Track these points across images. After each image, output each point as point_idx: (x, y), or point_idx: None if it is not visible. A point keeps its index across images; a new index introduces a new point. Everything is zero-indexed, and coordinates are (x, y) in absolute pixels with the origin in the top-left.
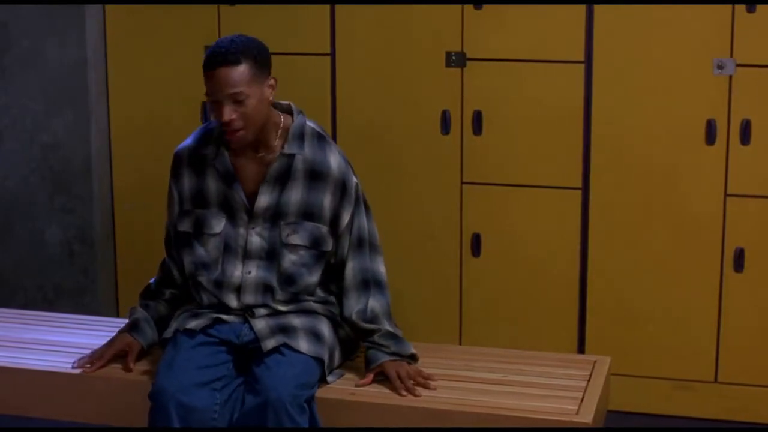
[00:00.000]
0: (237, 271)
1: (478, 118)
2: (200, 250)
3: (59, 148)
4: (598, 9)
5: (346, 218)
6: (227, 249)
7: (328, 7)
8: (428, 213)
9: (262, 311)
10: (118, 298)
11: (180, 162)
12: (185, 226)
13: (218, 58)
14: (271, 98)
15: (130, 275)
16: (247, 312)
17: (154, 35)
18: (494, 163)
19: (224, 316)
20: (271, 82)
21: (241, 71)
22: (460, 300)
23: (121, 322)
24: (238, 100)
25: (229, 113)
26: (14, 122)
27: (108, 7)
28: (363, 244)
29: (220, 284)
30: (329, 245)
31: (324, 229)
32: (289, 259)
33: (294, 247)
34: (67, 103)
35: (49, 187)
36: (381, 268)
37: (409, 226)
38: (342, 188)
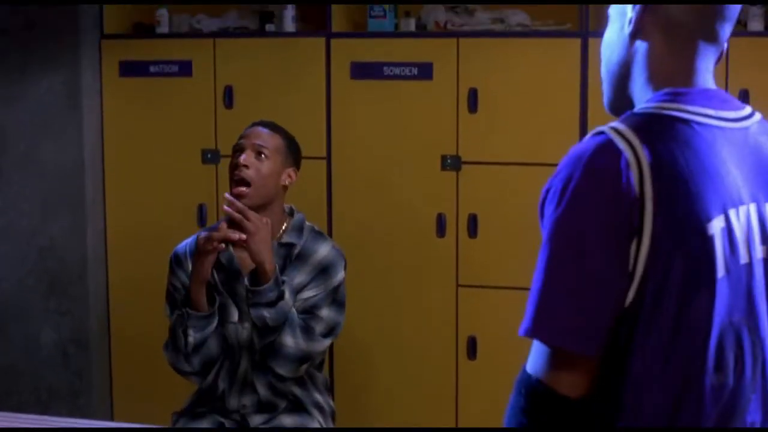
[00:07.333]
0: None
1: (473, 221)
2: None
3: (55, 250)
4: (592, 109)
5: (306, 294)
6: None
7: (324, 111)
8: (424, 315)
9: (257, 419)
10: (113, 400)
11: (182, 257)
12: None
13: (259, 122)
14: (285, 184)
15: (124, 378)
16: (241, 415)
17: (150, 138)
18: (490, 266)
19: (225, 422)
20: (291, 172)
21: (272, 137)
22: (456, 403)
23: (116, 426)
24: (258, 152)
25: (246, 157)
26: (10, 225)
27: (105, 108)
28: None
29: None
30: None
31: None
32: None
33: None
34: (64, 206)
35: (44, 289)
36: (322, 344)
37: (404, 329)
38: (321, 270)
